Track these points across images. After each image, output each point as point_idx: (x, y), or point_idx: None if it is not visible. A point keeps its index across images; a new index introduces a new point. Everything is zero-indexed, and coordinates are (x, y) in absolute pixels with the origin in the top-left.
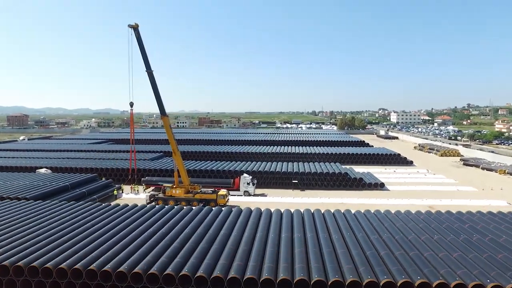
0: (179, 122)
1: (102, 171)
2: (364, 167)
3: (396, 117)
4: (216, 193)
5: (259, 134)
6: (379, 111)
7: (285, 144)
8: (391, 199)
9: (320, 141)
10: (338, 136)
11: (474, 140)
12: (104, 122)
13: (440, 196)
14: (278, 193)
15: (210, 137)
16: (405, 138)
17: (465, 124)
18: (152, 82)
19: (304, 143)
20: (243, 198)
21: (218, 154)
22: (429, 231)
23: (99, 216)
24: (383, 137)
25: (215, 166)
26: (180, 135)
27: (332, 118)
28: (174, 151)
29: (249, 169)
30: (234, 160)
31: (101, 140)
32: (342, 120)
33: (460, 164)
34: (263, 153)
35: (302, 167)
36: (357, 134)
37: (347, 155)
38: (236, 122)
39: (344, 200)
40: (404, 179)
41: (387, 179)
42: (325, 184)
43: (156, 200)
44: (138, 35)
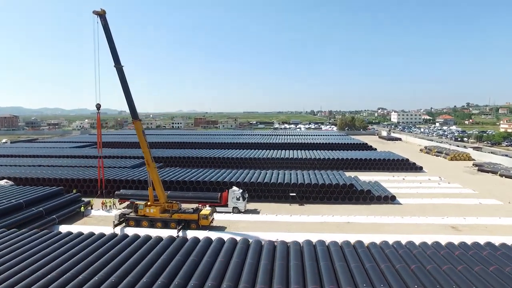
0: (174, 123)
1: (74, 182)
2: (370, 174)
3: (396, 117)
4: (198, 213)
5: (256, 136)
6: (378, 111)
7: (283, 147)
8: (406, 217)
9: (320, 144)
10: (339, 138)
11: (481, 142)
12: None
13: (462, 212)
14: (274, 208)
15: (203, 139)
16: (409, 139)
17: (467, 124)
18: (121, 79)
19: (303, 146)
20: (231, 216)
21: (207, 160)
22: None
23: (23, 254)
24: (385, 139)
25: (201, 176)
26: (170, 137)
27: (331, 118)
28: (147, 162)
29: (240, 179)
30: (226, 167)
31: (86, 143)
32: (342, 120)
33: (474, 170)
34: (257, 159)
35: (301, 177)
36: (358, 135)
37: (351, 161)
38: (233, 122)
39: (351, 218)
40: (416, 189)
41: (397, 190)
42: (327, 197)
43: (127, 220)
44: (104, 22)
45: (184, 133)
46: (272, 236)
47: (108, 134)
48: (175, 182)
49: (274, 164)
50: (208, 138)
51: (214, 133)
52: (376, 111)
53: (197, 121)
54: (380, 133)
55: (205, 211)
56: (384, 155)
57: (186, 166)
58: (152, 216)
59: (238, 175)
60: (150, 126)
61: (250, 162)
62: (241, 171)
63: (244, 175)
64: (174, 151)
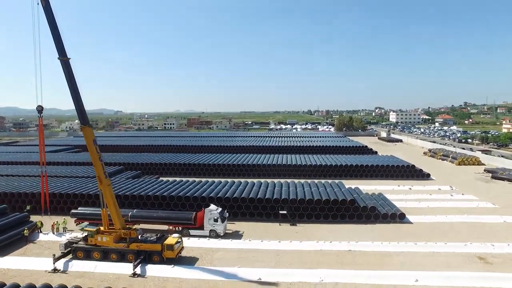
0: (167, 124)
1: (28, 197)
2: (372, 183)
3: (395, 116)
4: (162, 242)
5: (249, 138)
6: (376, 110)
7: (277, 151)
8: (420, 243)
9: (316, 147)
10: (337, 140)
11: (487, 143)
12: None
13: (486, 234)
14: (260, 230)
15: (191, 142)
16: (410, 141)
17: (467, 123)
18: (67, 74)
19: (299, 149)
20: (207, 242)
21: (190, 167)
22: None
23: None
24: (385, 140)
25: (177, 189)
26: (157, 140)
27: (328, 117)
28: (100, 178)
29: (221, 194)
30: (211, 175)
31: (65, 146)
32: (339, 120)
33: (487, 176)
34: (246, 166)
35: (294, 190)
36: (356, 136)
37: (351, 167)
38: (227, 123)
39: (352, 245)
40: (426, 202)
41: (404, 204)
42: (324, 215)
43: (74, 251)
44: (47, 6)
45: (174, 134)
46: (254, 274)
47: (101, 135)
48: (145, 197)
49: (266, 171)
50: (197, 141)
51: (205, 135)
52: (373, 111)
53: (190, 122)
54: (380, 134)
55: (171, 239)
56: (387, 160)
57: (166, 174)
58: (105, 245)
59: (221, 187)
60: (142, 127)
61: (238, 170)
62: (224, 183)
63: (227, 187)
64: (152, 156)
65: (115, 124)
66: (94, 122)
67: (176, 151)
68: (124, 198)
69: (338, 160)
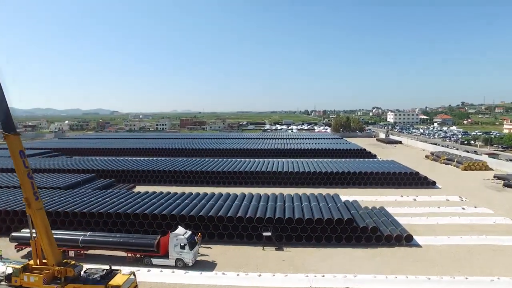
0: (158, 124)
1: None
2: (371, 192)
3: (393, 116)
4: (106, 282)
5: (241, 141)
6: (373, 110)
7: (268, 154)
8: (434, 277)
9: (311, 150)
10: (333, 142)
11: (491, 145)
12: (76, 125)
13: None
14: (239, 257)
15: (179, 144)
16: (410, 143)
17: (465, 123)
18: None
19: (292, 152)
20: (170, 276)
21: (169, 175)
22: None
23: None
24: (384, 142)
25: (145, 204)
26: (142, 143)
27: (325, 117)
28: (28, 201)
29: (195, 212)
30: (191, 184)
31: (43, 150)
32: (336, 121)
33: (498, 184)
34: (232, 173)
35: (281, 206)
36: (353, 137)
37: (348, 174)
38: (221, 123)
39: (350, 280)
40: (435, 217)
41: (410, 219)
42: (316, 237)
43: None
44: None
45: (162, 136)
46: None
47: (86, 138)
48: (105, 214)
49: (255, 179)
50: (185, 143)
51: (195, 136)
52: (370, 111)
53: (183, 122)
54: (378, 135)
55: (119, 278)
56: (388, 166)
57: (144, 182)
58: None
59: (197, 202)
60: (133, 128)
61: (224, 177)
62: (203, 195)
63: (205, 202)
64: (132, 162)
65: (106, 125)
66: (85, 123)
67: (161, 155)
68: (81, 216)
69: (334, 166)
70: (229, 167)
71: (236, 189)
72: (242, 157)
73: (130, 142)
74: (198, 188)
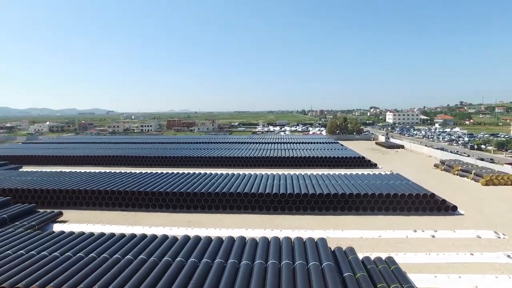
0: (144, 126)
1: None
2: (374, 223)
3: (392, 117)
4: None
5: (222, 145)
6: (371, 110)
7: (249, 164)
8: None
9: (300, 159)
10: (327, 148)
11: (505, 150)
12: (56, 127)
13: None
14: None
15: (147, 151)
16: (414, 147)
17: (468, 124)
18: None
19: (277, 162)
20: None
21: (103, 197)
22: None
23: None
24: (384, 146)
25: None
26: (108, 148)
27: (321, 118)
28: None
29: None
30: (141, 207)
31: None
32: (332, 122)
33: None
34: (185, 195)
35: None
36: (350, 140)
37: (343, 198)
38: (210, 124)
39: None
40: (469, 275)
41: (434, 280)
42: None
43: None
44: None
45: (137, 140)
46: None
47: (40, 142)
48: None
49: (213, 203)
50: (156, 150)
51: (174, 140)
52: (368, 111)
53: (170, 123)
54: (377, 138)
55: None
56: (393, 184)
57: (73, 206)
58: None
59: (99, 262)
60: (117, 130)
61: (170, 200)
62: (118, 246)
63: (116, 271)
64: (65, 178)
65: (88, 126)
66: (66, 124)
67: (122, 164)
68: None
69: (325, 184)
70: (182, 186)
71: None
72: (213, 167)
73: (96, 148)
74: (140, 212)
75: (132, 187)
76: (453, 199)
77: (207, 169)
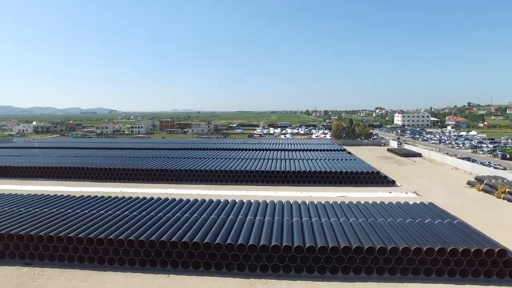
0: (134, 127)
1: None
2: None
3: (400, 118)
4: None
5: (210, 153)
6: (376, 111)
7: (240, 179)
8: None
9: (302, 174)
10: (333, 158)
11: None
12: (42, 127)
13: None
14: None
15: (114, 162)
16: (434, 156)
17: (482, 126)
18: None
19: (274, 178)
20: None
21: None
22: None
23: None
24: (398, 153)
25: None
26: (74, 156)
27: (326, 118)
28: None
29: None
30: None
31: None
32: (337, 125)
33: None
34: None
35: None
36: (358, 145)
37: (358, 253)
38: (206, 126)
39: None
40: None
41: None
42: None
43: None
44: None
45: (114, 145)
46: None
47: (5, 147)
48: None
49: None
50: (126, 160)
51: (156, 145)
52: (373, 111)
53: (163, 125)
54: (388, 143)
55: None
56: (438, 231)
57: None
58: None
59: None
60: (105, 131)
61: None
62: None
63: None
64: None
65: (76, 127)
66: (53, 125)
67: (77, 177)
68: None
69: (330, 226)
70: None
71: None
72: (190, 183)
73: (58, 156)
74: None
75: (33, 227)
76: (509, 239)
77: (182, 186)
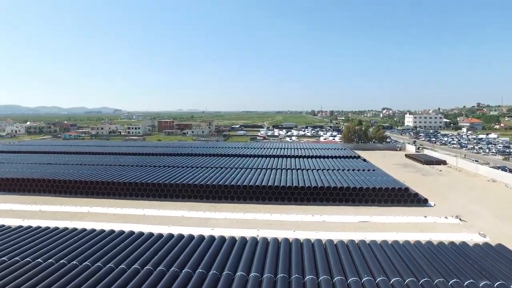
0: (130, 128)
1: None
2: None
3: (412, 120)
4: None
5: (205, 160)
6: (383, 111)
7: (236, 195)
8: None
9: (311, 191)
10: (347, 166)
11: None
12: (35, 128)
13: None
14: None
15: (91, 172)
16: (462, 164)
17: (497, 128)
18: None
19: (279, 194)
20: None
21: None
22: None
23: None
24: (419, 160)
25: None
26: (38, 164)
27: (332, 119)
28: None
29: None
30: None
31: None
32: (348, 128)
33: None
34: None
35: None
36: (372, 150)
37: None
38: (206, 127)
39: None
40: None
41: None
42: None
43: None
44: None
45: (99, 149)
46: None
47: None
48: None
49: None
50: (107, 169)
51: (144, 150)
52: (381, 111)
53: (161, 125)
54: (405, 148)
55: None
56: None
57: None
58: None
59: None
60: (101, 132)
61: None
62: None
63: None
64: None
65: (71, 127)
66: (47, 125)
67: (44, 190)
68: None
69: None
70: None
71: None
72: (175, 199)
73: (30, 163)
74: None
75: None
76: None
77: (164, 205)
